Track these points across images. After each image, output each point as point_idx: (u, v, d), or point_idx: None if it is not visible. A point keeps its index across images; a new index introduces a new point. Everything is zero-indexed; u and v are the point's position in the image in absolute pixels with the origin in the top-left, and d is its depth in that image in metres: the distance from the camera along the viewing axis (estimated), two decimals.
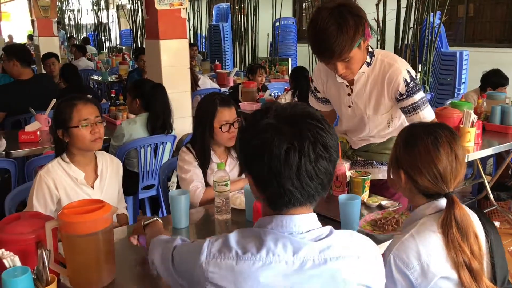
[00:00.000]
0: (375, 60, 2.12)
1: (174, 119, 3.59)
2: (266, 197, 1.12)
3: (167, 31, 4.12)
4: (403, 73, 2.08)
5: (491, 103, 3.83)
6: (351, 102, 2.24)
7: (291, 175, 1.04)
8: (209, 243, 1.12)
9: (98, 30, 14.62)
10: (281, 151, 1.03)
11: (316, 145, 1.05)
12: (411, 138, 1.46)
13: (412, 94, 2.10)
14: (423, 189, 1.45)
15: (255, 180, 1.12)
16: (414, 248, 1.37)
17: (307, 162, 1.04)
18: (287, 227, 1.10)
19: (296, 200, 1.09)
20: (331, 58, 1.95)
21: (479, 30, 9.10)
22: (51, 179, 2.09)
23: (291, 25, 9.42)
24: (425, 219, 1.45)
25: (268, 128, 1.06)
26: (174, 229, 1.99)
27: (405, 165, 1.45)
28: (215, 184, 2.05)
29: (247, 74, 5.89)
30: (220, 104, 2.33)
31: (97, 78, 7.93)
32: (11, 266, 1.30)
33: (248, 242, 1.09)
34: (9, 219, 1.64)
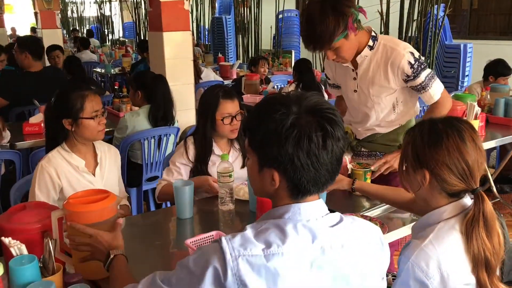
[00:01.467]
0: (378, 44, 2.18)
1: (177, 111, 3.59)
2: (296, 187, 1.11)
3: (171, 23, 4.11)
4: (406, 56, 2.13)
5: (495, 95, 3.82)
6: (356, 86, 2.29)
7: (327, 160, 1.08)
8: (227, 240, 1.05)
9: (101, 22, 14.60)
10: (319, 136, 1.06)
11: (340, 128, 1.10)
12: (435, 135, 1.38)
13: (418, 74, 2.16)
14: (449, 188, 1.38)
15: (283, 173, 1.10)
16: (434, 256, 1.31)
17: (336, 146, 1.09)
18: (305, 214, 1.11)
19: (325, 184, 1.12)
20: (315, 50, 2.08)
21: (483, 23, 9.05)
22: (53, 168, 2.12)
23: (295, 17, 9.39)
24: (443, 223, 1.38)
25: (299, 119, 1.07)
26: (178, 220, 2.00)
27: (431, 163, 1.37)
28: (219, 175, 2.06)
29: (249, 66, 5.88)
30: (222, 97, 2.33)
31: (100, 71, 7.94)
32: (18, 254, 1.32)
33: (269, 234, 1.06)
34: (15, 209, 1.66)
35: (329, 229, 1.11)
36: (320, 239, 1.08)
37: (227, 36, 9.87)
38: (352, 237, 1.13)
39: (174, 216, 2.04)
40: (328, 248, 1.08)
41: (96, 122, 2.15)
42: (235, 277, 1.00)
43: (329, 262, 1.08)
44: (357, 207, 2.14)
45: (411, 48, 2.18)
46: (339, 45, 2.04)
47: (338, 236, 1.11)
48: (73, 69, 4.90)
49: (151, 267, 1.58)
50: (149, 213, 2.39)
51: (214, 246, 1.06)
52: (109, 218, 1.48)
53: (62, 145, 2.18)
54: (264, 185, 1.15)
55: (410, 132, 1.47)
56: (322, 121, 1.08)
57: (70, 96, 2.14)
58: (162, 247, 1.83)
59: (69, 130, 2.14)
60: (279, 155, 1.07)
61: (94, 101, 2.16)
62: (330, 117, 1.09)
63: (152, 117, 3.41)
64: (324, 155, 1.07)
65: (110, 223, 1.48)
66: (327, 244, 1.08)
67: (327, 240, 1.09)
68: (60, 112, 2.15)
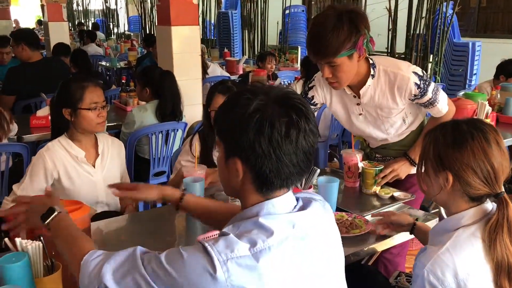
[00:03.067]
0: (378, 71, 2.09)
1: (185, 106, 3.57)
2: (259, 178, 1.08)
3: (179, 17, 4.09)
4: (412, 78, 2.05)
5: (505, 94, 3.79)
6: (361, 110, 2.23)
7: (289, 150, 1.05)
8: (209, 244, 1.00)
9: (106, 16, 14.57)
10: (282, 123, 1.03)
11: (309, 120, 1.07)
12: (460, 136, 1.33)
13: (426, 92, 2.09)
14: (472, 192, 1.33)
15: (246, 161, 1.07)
16: (450, 265, 1.27)
17: (303, 137, 1.05)
18: (278, 208, 1.10)
19: (290, 178, 1.09)
20: (316, 56, 1.96)
21: (491, 21, 8.99)
22: (50, 158, 2.14)
23: (301, 13, 9.34)
24: (462, 230, 1.33)
25: (264, 105, 1.05)
26: (188, 216, 1.98)
27: (454, 166, 1.32)
28: None
29: (257, 62, 5.85)
30: (219, 91, 2.32)
31: (105, 64, 7.92)
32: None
33: (251, 232, 1.03)
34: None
35: (302, 216, 1.11)
36: (299, 225, 1.08)
37: (233, 31, 9.83)
38: (325, 222, 1.18)
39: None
40: (310, 233, 1.10)
41: (95, 114, 2.16)
42: (227, 283, 0.97)
43: (311, 246, 1.10)
44: (367, 206, 2.12)
45: (412, 66, 2.11)
46: (340, 63, 1.94)
47: (314, 222, 1.13)
48: (80, 62, 4.88)
49: None
50: (158, 208, 2.37)
51: (197, 252, 1.00)
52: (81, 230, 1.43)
53: (64, 134, 2.20)
54: (230, 178, 1.12)
55: (431, 133, 1.42)
56: (288, 110, 1.05)
57: (71, 86, 2.16)
58: (172, 244, 1.81)
59: (69, 120, 2.15)
60: (240, 141, 1.05)
61: (94, 92, 2.17)
62: (298, 107, 1.07)
63: (159, 113, 3.40)
64: (288, 144, 1.04)
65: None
66: (305, 229, 1.09)
67: (304, 226, 1.09)
68: (61, 102, 2.17)
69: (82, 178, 2.20)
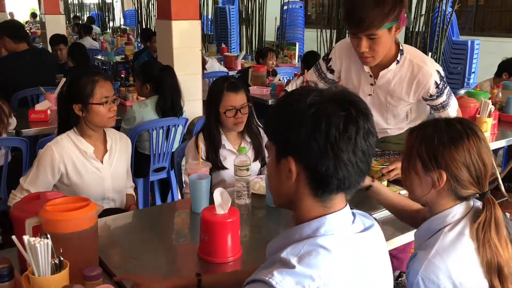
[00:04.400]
0: (404, 59, 2.07)
1: (185, 102, 3.54)
2: (315, 178, 1.00)
3: (180, 11, 4.04)
4: (434, 76, 2.04)
5: (507, 93, 3.79)
6: (372, 91, 2.20)
7: (348, 148, 0.96)
8: (277, 282, 0.92)
9: (102, 9, 14.47)
10: (340, 118, 0.95)
11: (368, 119, 0.99)
12: (456, 134, 1.34)
13: (441, 94, 2.07)
14: (461, 191, 1.34)
15: (300, 159, 0.99)
16: (443, 268, 1.27)
17: (361, 136, 0.97)
18: (340, 224, 1.03)
19: (348, 179, 0.99)
20: (358, 28, 1.89)
21: (489, 19, 9.01)
22: (58, 151, 2.10)
23: (299, 9, 9.32)
24: (447, 231, 1.33)
25: (320, 101, 0.99)
26: (193, 214, 1.97)
27: (449, 164, 1.32)
28: (236, 168, 2.03)
29: (257, 58, 5.81)
30: (227, 89, 2.29)
31: (102, 58, 7.86)
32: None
33: (318, 259, 0.95)
34: (29, 198, 1.63)
35: (360, 235, 1.05)
36: (359, 247, 1.03)
37: (230, 27, 9.78)
38: (378, 242, 1.10)
39: (189, 210, 2.00)
40: (364, 253, 1.04)
41: (106, 108, 2.13)
42: None
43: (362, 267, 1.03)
44: (372, 204, 2.10)
45: (437, 65, 2.09)
46: (380, 35, 1.90)
47: (368, 242, 1.06)
48: (78, 57, 4.83)
49: (168, 261, 1.55)
50: (160, 206, 2.35)
51: None
52: (88, 228, 1.42)
53: (73, 129, 2.17)
54: (283, 182, 1.03)
55: (418, 131, 1.40)
56: (346, 105, 0.97)
57: (80, 81, 2.13)
58: (177, 240, 1.80)
59: (80, 116, 2.12)
60: (294, 138, 0.98)
61: (104, 87, 2.14)
62: (357, 103, 0.99)
63: (160, 108, 3.36)
64: (346, 141, 0.95)
65: (89, 232, 1.42)
66: (363, 249, 1.04)
67: (365, 245, 1.04)
68: (71, 97, 2.14)
69: (90, 174, 2.17)
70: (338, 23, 7.36)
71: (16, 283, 1.35)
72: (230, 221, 1.57)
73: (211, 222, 1.56)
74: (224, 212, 1.57)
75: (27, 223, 1.40)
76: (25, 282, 1.29)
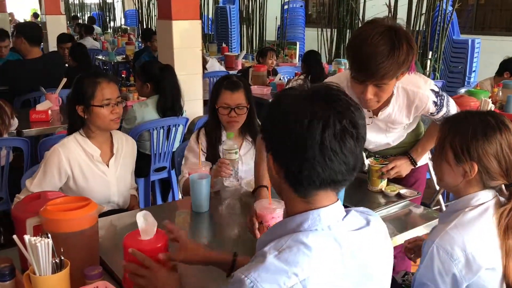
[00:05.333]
0: (397, 89, 1.99)
1: (185, 101, 3.55)
2: (287, 175, 1.03)
3: (180, 11, 4.06)
4: (431, 97, 2.00)
5: (507, 92, 3.79)
6: (370, 122, 2.14)
7: (313, 146, 0.96)
8: (252, 280, 0.94)
9: (103, 9, 14.49)
10: (306, 117, 0.97)
11: (343, 118, 0.98)
12: (489, 128, 1.39)
13: (442, 108, 2.05)
14: (490, 181, 1.42)
15: (275, 156, 1.04)
16: (459, 239, 1.34)
17: (331, 134, 0.97)
18: (325, 221, 1.03)
19: (317, 176, 0.99)
20: (369, 79, 1.75)
21: (489, 18, 9.01)
22: (65, 154, 2.09)
23: (300, 9, 9.32)
24: (470, 210, 1.41)
25: (296, 98, 1.02)
26: (194, 214, 1.97)
27: (481, 156, 1.38)
28: (225, 152, 2.11)
29: (257, 58, 5.82)
30: (225, 86, 2.32)
31: (103, 58, 7.87)
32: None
33: (295, 255, 0.96)
34: (30, 198, 1.63)
35: (350, 232, 1.05)
36: (346, 245, 1.02)
37: (231, 26, 9.80)
38: (373, 239, 1.09)
39: (189, 209, 2.01)
40: (357, 251, 1.04)
41: (108, 110, 2.10)
42: None
43: (358, 264, 1.04)
44: (373, 203, 2.11)
45: (429, 82, 2.03)
46: (389, 84, 1.78)
47: (360, 237, 1.06)
48: (79, 57, 4.84)
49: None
50: (161, 205, 2.36)
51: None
52: (88, 227, 1.42)
53: (80, 131, 2.16)
54: (271, 176, 1.09)
55: (453, 122, 1.47)
56: (318, 103, 0.99)
57: (83, 82, 2.12)
58: None
59: (84, 117, 2.12)
60: (269, 136, 1.05)
61: (107, 89, 2.11)
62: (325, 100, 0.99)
63: (160, 108, 3.37)
64: (310, 140, 0.96)
65: (90, 232, 1.42)
66: (355, 247, 1.04)
67: (352, 244, 1.04)
68: (75, 99, 2.13)
69: (96, 178, 2.16)
70: (338, 22, 7.38)
71: (17, 282, 1.35)
72: (158, 246, 1.37)
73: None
74: (150, 237, 1.39)
75: (28, 223, 1.40)
76: (26, 281, 1.29)
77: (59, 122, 3.51)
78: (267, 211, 1.64)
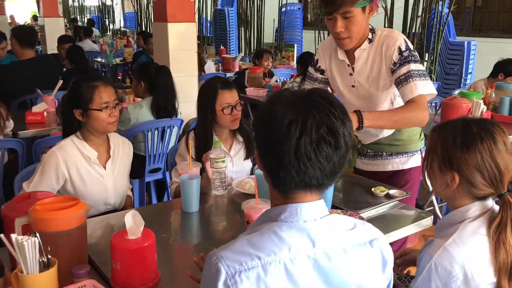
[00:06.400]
0: (375, 36, 2.11)
1: (180, 103, 3.57)
2: (268, 173, 1.09)
3: (176, 14, 4.09)
4: (399, 41, 2.04)
5: (500, 93, 3.81)
6: (353, 81, 2.20)
7: (289, 150, 1.00)
8: (218, 257, 1.00)
9: (102, 12, 14.52)
10: (284, 122, 1.00)
11: (321, 126, 1.00)
12: (469, 137, 1.35)
13: (405, 63, 2.02)
14: (477, 192, 1.37)
15: (259, 152, 1.11)
16: (457, 257, 1.30)
17: (307, 141, 0.99)
18: (301, 215, 1.05)
19: (291, 179, 1.03)
20: (333, 5, 1.93)
21: (487, 20, 9.03)
22: (63, 157, 2.09)
23: (297, 11, 9.34)
24: (467, 223, 1.37)
25: (282, 102, 1.05)
26: (184, 214, 1.99)
27: (462, 166, 1.35)
28: (212, 161, 2.10)
29: (253, 59, 5.85)
30: (221, 87, 2.32)
31: (101, 61, 7.90)
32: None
33: (265, 241, 1.01)
34: (20, 198, 1.65)
35: (327, 231, 1.06)
36: (320, 244, 1.03)
37: (229, 29, 9.82)
38: (351, 240, 1.08)
39: (180, 210, 2.02)
40: (331, 254, 1.04)
41: (106, 114, 2.12)
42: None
43: (332, 268, 1.03)
44: (362, 203, 2.12)
45: (407, 39, 2.09)
46: (354, 14, 1.94)
47: (338, 239, 1.06)
48: (76, 59, 4.87)
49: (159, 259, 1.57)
50: (154, 205, 2.37)
51: (210, 269, 1.01)
52: (76, 226, 1.43)
53: (76, 133, 2.17)
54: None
55: (440, 130, 1.43)
56: (299, 109, 1.02)
57: (81, 86, 2.12)
58: (168, 240, 1.81)
59: (81, 121, 2.13)
60: (255, 136, 1.11)
61: (105, 92, 2.12)
62: (313, 107, 1.02)
63: (154, 108, 3.39)
64: (286, 145, 1.00)
65: (78, 231, 1.44)
66: (329, 249, 1.04)
67: (327, 245, 1.04)
68: (71, 102, 2.14)
69: (93, 180, 2.16)
70: None
71: (6, 281, 1.38)
72: (145, 245, 1.41)
73: (123, 249, 1.40)
74: (137, 236, 1.42)
75: (17, 222, 1.42)
76: (14, 280, 1.31)
77: (55, 124, 3.52)
78: (254, 211, 1.67)
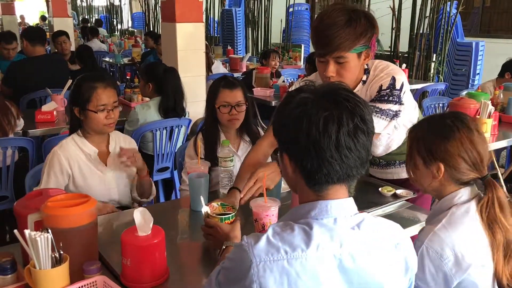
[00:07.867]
0: (369, 76, 1.97)
1: (188, 103, 3.59)
2: (303, 172, 1.08)
3: (184, 14, 4.11)
4: (384, 80, 1.89)
5: (508, 94, 3.80)
6: None
7: (329, 145, 1.02)
8: (249, 244, 1.04)
9: (110, 12, 14.59)
10: (320, 119, 1.02)
11: (354, 116, 1.04)
12: (447, 128, 1.46)
13: (375, 101, 1.88)
14: (462, 178, 1.46)
15: (291, 155, 1.10)
16: (447, 239, 1.38)
17: (345, 133, 1.02)
18: (331, 212, 1.07)
19: (335, 174, 1.05)
20: (327, 48, 1.76)
21: (495, 21, 8.99)
22: (65, 155, 2.13)
23: (305, 11, 9.35)
24: (455, 208, 1.46)
25: (307, 101, 1.06)
26: (192, 212, 2.01)
27: (445, 156, 1.45)
28: (221, 160, 2.13)
29: (260, 59, 5.86)
30: (223, 86, 2.36)
31: (109, 60, 7.94)
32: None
33: (294, 237, 1.03)
34: (31, 195, 1.67)
35: (355, 232, 1.07)
36: (347, 244, 1.04)
37: (237, 29, 9.85)
38: (377, 243, 1.09)
39: (188, 208, 2.04)
40: (356, 255, 1.05)
41: (102, 116, 2.13)
42: (256, 284, 1.01)
43: (354, 268, 1.05)
44: (369, 203, 2.12)
45: (401, 73, 1.92)
46: (348, 60, 1.79)
47: (364, 241, 1.07)
48: (85, 59, 4.90)
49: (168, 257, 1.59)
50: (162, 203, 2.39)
51: (238, 253, 1.06)
52: (88, 223, 1.45)
53: (78, 131, 2.20)
54: (286, 174, 1.15)
55: (417, 129, 1.55)
56: (330, 104, 1.04)
57: (82, 85, 2.15)
58: (175, 237, 1.83)
59: (82, 119, 2.16)
60: (284, 136, 1.10)
61: (103, 94, 2.13)
62: (341, 102, 1.04)
63: (162, 108, 3.41)
64: (326, 141, 1.02)
65: (89, 228, 1.46)
66: (355, 250, 1.05)
67: (354, 246, 1.05)
68: (72, 100, 2.17)
69: (95, 176, 2.19)
70: None
71: (19, 276, 1.40)
72: (155, 242, 1.43)
73: (133, 245, 1.42)
74: (147, 233, 1.43)
75: (29, 218, 1.44)
76: (27, 275, 1.33)
77: (64, 123, 3.55)
78: (261, 209, 1.68)
